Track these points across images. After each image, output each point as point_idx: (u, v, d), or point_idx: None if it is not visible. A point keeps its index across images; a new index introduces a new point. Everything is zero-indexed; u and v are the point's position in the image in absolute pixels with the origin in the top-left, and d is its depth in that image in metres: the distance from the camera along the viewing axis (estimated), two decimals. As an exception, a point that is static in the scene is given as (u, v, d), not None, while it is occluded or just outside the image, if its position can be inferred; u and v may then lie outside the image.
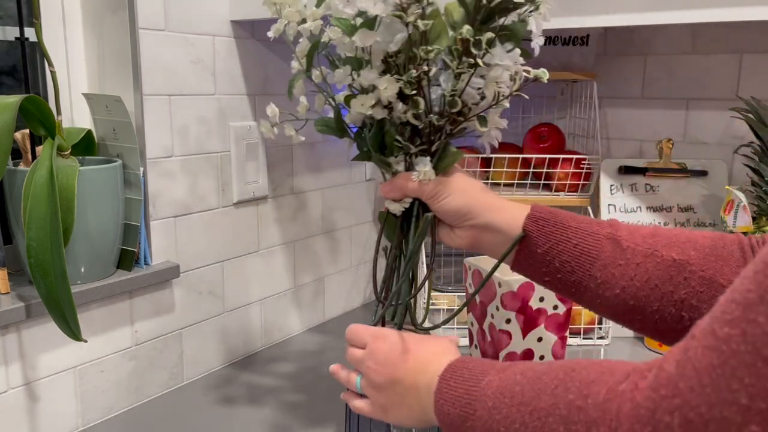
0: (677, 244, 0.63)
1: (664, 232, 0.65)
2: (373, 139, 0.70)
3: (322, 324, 1.31)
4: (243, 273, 1.13)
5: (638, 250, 0.63)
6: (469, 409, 0.53)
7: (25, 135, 0.87)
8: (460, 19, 0.65)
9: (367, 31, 0.62)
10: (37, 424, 0.86)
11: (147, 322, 0.97)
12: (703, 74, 1.34)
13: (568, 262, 0.65)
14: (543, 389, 0.46)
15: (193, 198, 1.02)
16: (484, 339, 1.01)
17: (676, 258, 0.62)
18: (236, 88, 1.07)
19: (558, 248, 0.65)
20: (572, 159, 1.28)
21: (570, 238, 0.65)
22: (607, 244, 0.64)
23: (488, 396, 0.51)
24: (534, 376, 0.48)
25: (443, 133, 0.69)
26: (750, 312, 0.34)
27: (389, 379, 0.62)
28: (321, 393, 1.01)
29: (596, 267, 0.64)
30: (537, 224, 0.66)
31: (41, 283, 0.77)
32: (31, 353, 0.84)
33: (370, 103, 0.66)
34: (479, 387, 0.53)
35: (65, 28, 0.95)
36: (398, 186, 0.69)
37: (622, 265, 0.63)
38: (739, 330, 0.34)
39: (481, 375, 0.54)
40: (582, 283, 0.65)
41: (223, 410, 0.96)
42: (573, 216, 0.67)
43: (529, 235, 0.66)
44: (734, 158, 1.31)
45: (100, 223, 0.87)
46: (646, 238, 0.64)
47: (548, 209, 0.68)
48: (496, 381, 0.52)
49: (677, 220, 1.33)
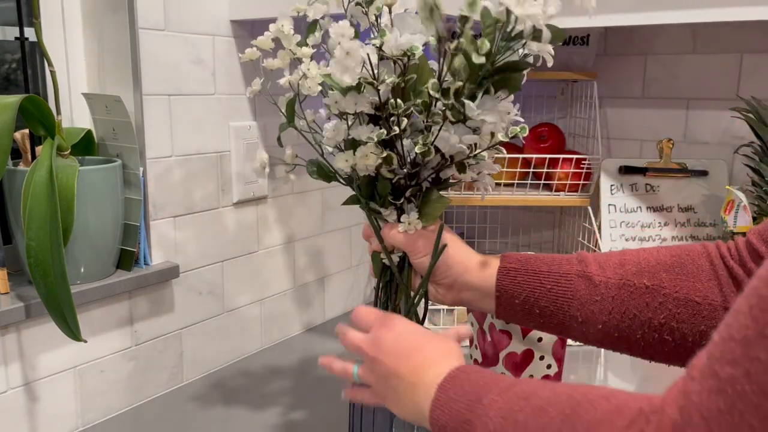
0: (647, 270, 0.64)
1: (632, 259, 0.66)
2: (365, 189, 0.71)
3: (322, 324, 1.31)
4: (243, 273, 1.13)
5: (611, 283, 0.65)
6: (469, 426, 0.51)
7: (24, 135, 0.87)
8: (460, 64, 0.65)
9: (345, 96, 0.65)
10: (37, 425, 0.86)
11: (147, 323, 0.97)
12: (704, 74, 1.34)
13: (546, 307, 0.67)
14: (548, 425, 0.44)
15: (193, 198, 1.02)
16: (484, 339, 1.00)
17: (648, 284, 0.63)
18: (236, 88, 1.07)
19: (534, 295, 0.67)
20: (572, 159, 1.28)
21: (543, 284, 0.67)
22: (580, 282, 0.66)
23: (490, 418, 0.49)
24: (538, 405, 0.46)
25: (420, 180, 0.69)
26: (751, 349, 0.32)
27: (390, 371, 0.61)
28: (321, 393, 1.01)
29: (574, 307, 0.66)
30: (509, 276, 0.68)
31: (41, 283, 0.77)
32: (30, 353, 0.84)
33: (353, 161, 0.67)
34: (482, 405, 0.51)
35: (65, 28, 0.95)
36: (384, 235, 0.71)
37: (598, 301, 0.65)
38: (742, 370, 0.33)
39: (483, 391, 0.52)
40: (565, 324, 0.66)
41: (223, 410, 0.96)
42: (543, 259, 0.69)
43: (504, 288, 0.68)
44: (734, 158, 1.31)
45: (100, 223, 0.87)
46: (616, 269, 0.65)
47: (518, 258, 0.69)
48: (499, 402, 0.50)
49: (677, 220, 1.33)
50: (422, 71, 0.65)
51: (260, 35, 0.72)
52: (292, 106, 0.72)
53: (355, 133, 0.66)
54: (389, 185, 0.69)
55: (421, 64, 0.64)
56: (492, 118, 0.64)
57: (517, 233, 1.56)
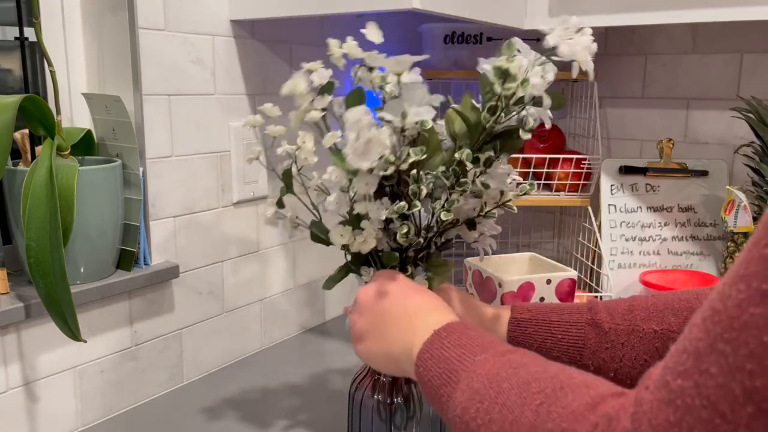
0: (655, 314, 0.65)
1: (641, 304, 0.67)
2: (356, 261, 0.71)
3: (322, 324, 1.31)
4: (243, 273, 1.13)
5: (620, 330, 0.65)
6: (454, 376, 0.51)
7: (24, 135, 0.87)
8: (460, 130, 0.65)
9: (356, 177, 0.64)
10: (37, 425, 0.86)
11: (147, 323, 0.97)
12: (704, 74, 1.34)
13: (558, 358, 0.67)
14: (529, 401, 0.44)
15: (193, 198, 1.02)
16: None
17: (657, 329, 0.64)
18: (236, 88, 1.07)
19: (546, 346, 0.68)
20: (572, 159, 1.28)
21: (554, 334, 0.68)
22: (590, 331, 0.66)
23: (477, 374, 0.49)
24: (525, 378, 0.47)
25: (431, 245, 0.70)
26: (701, 362, 0.32)
27: (392, 301, 0.61)
28: (321, 393, 1.01)
29: (585, 356, 0.66)
30: (520, 327, 0.69)
31: (41, 283, 0.77)
32: (30, 353, 0.84)
33: (349, 239, 0.67)
34: (473, 361, 0.51)
35: (65, 28, 0.95)
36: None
37: (608, 348, 0.65)
38: (692, 382, 0.32)
39: (478, 349, 0.52)
40: None
41: (223, 410, 0.96)
42: (553, 308, 0.70)
43: (516, 340, 0.69)
44: (735, 158, 1.31)
45: (100, 223, 0.87)
46: (624, 315, 0.66)
47: (528, 308, 0.70)
48: (490, 364, 0.50)
49: (677, 220, 1.33)
50: (432, 142, 0.65)
51: (260, 35, 0.72)
52: (289, 176, 0.73)
53: (361, 208, 0.65)
54: (397, 257, 0.69)
55: (429, 135, 0.65)
56: (494, 183, 0.66)
57: (517, 233, 1.56)
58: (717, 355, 0.31)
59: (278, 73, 1.13)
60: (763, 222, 0.32)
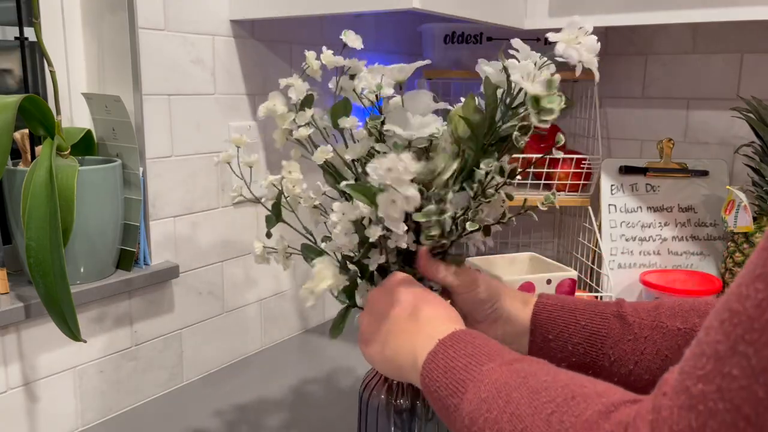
0: (681, 314, 0.65)
1: (667, 304, 0.67)
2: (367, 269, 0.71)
3: (322, 324, 1.31)
4: (243, 273, 1.13)
5: (644, 324, 0.65)
6: (461, 386, 0.50)
7: (24, 135, 0.86)
8: (464, 133, 0.65)
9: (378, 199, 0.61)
10: (37, 425, 0.86)
11: (146, 323, 0.97)
12: (704, 74, 1.34)
13: (580, 344, 0.67)
14: (539, 410, 0.44)
15: (193, 198, 1.02)
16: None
17: (681, 327, 0.64)
18: (236, 88, 1.07)
19: (568, 331, 0.68)
20: (573, 159, 1.28)
21: (578, 320, 0.68)
22: (615, 321, 0.66)
23: (485, 385, 0.49)
24: (534, 387, 0.46)
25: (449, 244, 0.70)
26: (723, 365, 0.32)
27: (404, 309, 0.61)
28: (322, 393, 1.01)
29: (607, 345, 0.66)
30: (546, 311, 0.69)
31: (40, 283, 0.77)
32: (30, 353, 0.84)
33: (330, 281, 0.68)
34: (480, 370, 0.50)
35: (65, 28, 0.95)
36: (432, 271, 0.69)
37: (631, 341, 0.65)
38: (713, 386, 0.32)
39: (485, 358, 0.52)
40: (597, 363, 0.67)
41: (223, 411, 0.96)
42: (581, 300, 0.70)
43: (540, 323, 0.69)
44: (735, 158, 1.30)
45: (100, 223, 0.87)
46: (650, 311, 0.66)
47: (556, 297, 0.71)
48: (498, 373, 0.49)
49: (678, 220, 1.33)
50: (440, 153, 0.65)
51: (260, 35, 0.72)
52: (278, 207, 0.73)
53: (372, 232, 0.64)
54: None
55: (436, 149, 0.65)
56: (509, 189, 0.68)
57: (517, 233, 1.56)
58: (739, 357, 0.31)
59: (278, 73, 1.13)
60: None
